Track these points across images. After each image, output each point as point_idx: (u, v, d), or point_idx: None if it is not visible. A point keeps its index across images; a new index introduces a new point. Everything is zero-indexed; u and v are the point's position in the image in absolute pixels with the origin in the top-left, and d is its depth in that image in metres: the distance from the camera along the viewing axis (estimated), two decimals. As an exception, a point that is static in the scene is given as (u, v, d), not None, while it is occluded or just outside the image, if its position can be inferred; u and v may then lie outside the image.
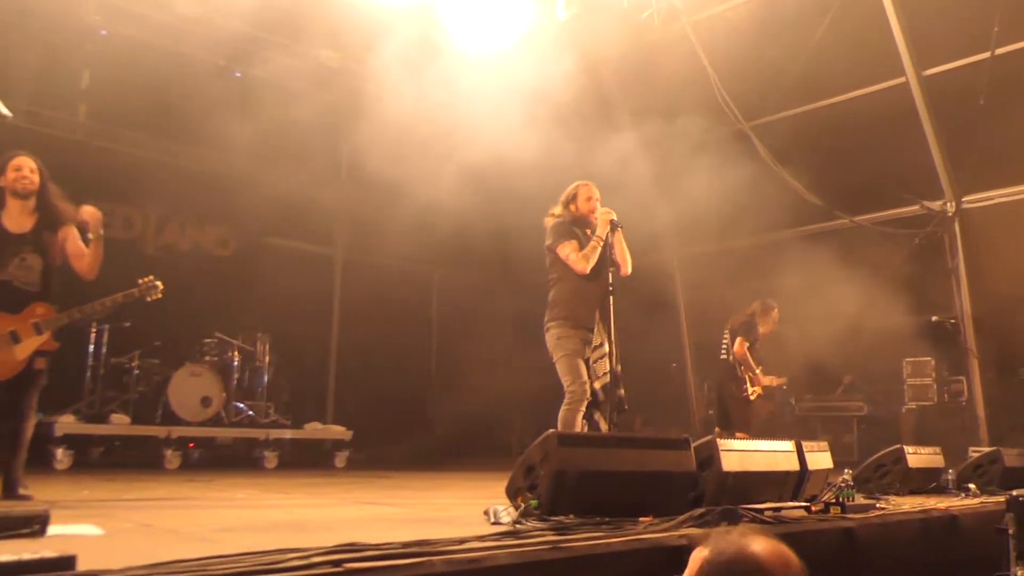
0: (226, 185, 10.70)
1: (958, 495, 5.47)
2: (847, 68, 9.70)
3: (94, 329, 8.64)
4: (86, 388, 8.56)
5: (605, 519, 3.39)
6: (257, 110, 8.87)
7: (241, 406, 9.31)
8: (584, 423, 4.94)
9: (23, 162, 4.41)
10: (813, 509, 4.09)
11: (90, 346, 8.65)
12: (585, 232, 5.32)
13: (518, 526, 3.30)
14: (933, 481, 5.84)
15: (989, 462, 6.12)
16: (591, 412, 5.01)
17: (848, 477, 4.32)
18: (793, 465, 4.50)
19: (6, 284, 4.29)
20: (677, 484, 3.91)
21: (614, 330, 5.06)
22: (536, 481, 3.64)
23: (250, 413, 9.33)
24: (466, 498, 5.46)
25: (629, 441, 4.03)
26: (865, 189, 10.03)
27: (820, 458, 4.80)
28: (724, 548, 1.82)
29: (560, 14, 9.48)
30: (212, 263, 10.94)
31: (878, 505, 4.45)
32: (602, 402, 5.00)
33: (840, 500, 4.10)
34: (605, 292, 5.11)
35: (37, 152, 4.62)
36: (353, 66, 9.61)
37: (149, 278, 4.67)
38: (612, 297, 5.09)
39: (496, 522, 3.54)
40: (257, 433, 9.07)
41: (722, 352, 7.81)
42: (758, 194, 9.32)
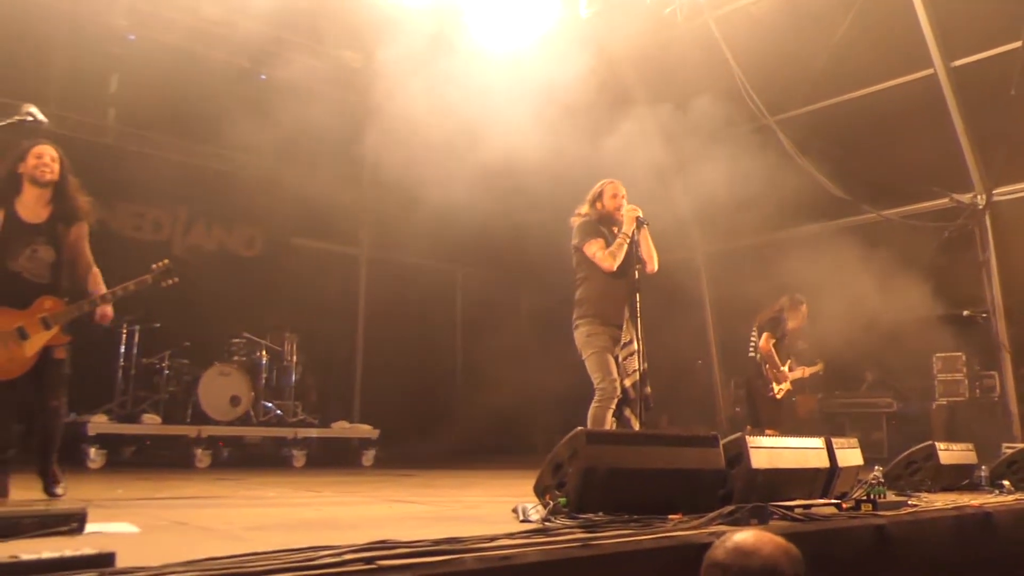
0: (251, 186, 10.81)
1: (992, 492, 5.39)
2: (873, 60, 9.58)
3: (125, 330, 8.76)
4: (117, 388, 8.68)
5: (634, 517, 3.38)
6: (281, 111, 8.94)
7: (269, 405, 9.41)
8: (614, 420, 4.93)
9: (44, 150, 4.30)
10: (844, 506, 4.06)
11: (121, 347, 8.77)
12: (611, 230, 5.32)
13: (547, 524, 3.30)
14: (966, 478, 5.77)
15: (1024, 458, 6.03)
16: (621, 409, 5.00)
17: (879, 474, 4.29)
18: (823, 462, 4.46)
19: (16, 277, 4.17)
20: (706, 481, 3.89)
21: (641, 327, 5.05)
22: (564, 479, 3.64)
23: (278, 412, 9.42)
24: (494, 496, 5.47)
25: (658, 438, 4.01)
26: (893, 183, 9.91)
27: (850, 455, 4.76)
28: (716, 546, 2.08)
29: (582, 11, 9.47)
30: (239, 264, 11.05)
31: (910, 502, 4.41)
32: (633, 399, 4.99)
33: (871, 497, 4.06)
34: (632, 289, 5.11)
35: (67, 156, 4.54)
36: (375, 66, 9.65)
37: (164, 262, 4.57)
38: (639, 294, 5.08)
39: (525, 520, 3.55)
40: (285, 432, 9.15)
41: (750, 350, 7.75)
42: (784, 189, 9.23)
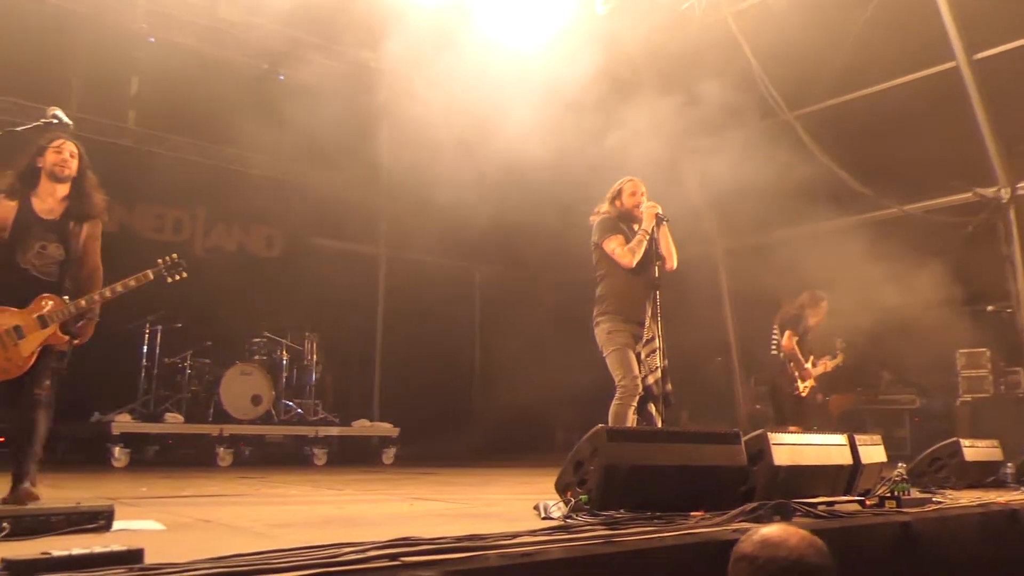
0: (271, 187, 10.88)
1: (1018, 489, 5.34)
2: (894, 54, 9.48)
3: (147, 330, 8.86)
4: (141, 388, 8.78)
5: (656, 514, 3.38)
6: (299, 112, 8.99)
7: (290, 404, 9.47)
8: (635, 417, 4.92)
9: (64, 145, 4.19)
10: (867, 503, 4.03)
11: (144, 347, 8.87)
12: (631, 227, 5.31)
13: (569, 521, 3.30)
14: (991, 475, 5.72)
15: (1049, 455, 5.97)
16: (644, 406, 4.99)
17: (902, 471, 4.25)
18: (846, 459, 4.43)
19: (23, 273, 4.05)
20: (728, 478, 3.88)
21: (661, 324, 5.04)
22: (586, 476, 3.64)
23: (299, 411, 9.49)
24: (515, 493, 5.48)
25: (679, 435, 4.00)
26: (914, 177, 9.81)
27: (873, 452, 4.72)
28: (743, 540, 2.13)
29: (599, 8, 9.44)
30: (259, 264, 11.14)
31: (934, 499, 4.37)
32: (655, 396, 4.98)
33: (895, 494, 4.03)
34: (652, 286, 5.10)
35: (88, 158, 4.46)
36: (392, 66, 9.69)
37: (171, 257, 4.38)
38: (659, 291, 5.07)
39: (547, 517, 3.56)
40: (306, 431, 9.21)
41: (772, 348, 7.71)
42: (804, 184, 9.17)
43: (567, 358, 9.74)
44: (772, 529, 2.12)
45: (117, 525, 3.04)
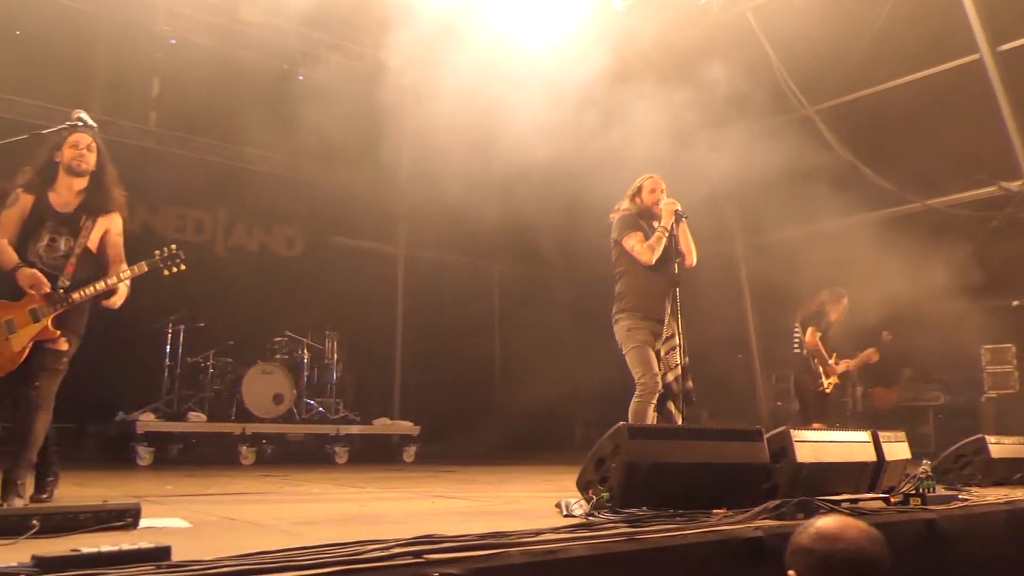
0: (291, 186, 10.96)
1: (1045, 486, 5.28)
2: (916, 47, 9.38)
3: (170, 330, 8.95)
4: (164, 387, 8.87)
5: (678, 511, 3.37)
6: (319, 112, 9.03)
7: (311, 403, 9.53)
8: (655, 415, 4.91)
9: (80, 139, 4.14)
10: (892, 500, 3.99)
11: (167, 346, 8.96)
12: (651, 224, 5.30)
13: (591, 518, 3.30)
14: (1018, 472, 5.64)
15: (1077, 452, 5.88)
16: (664, 404, 4.98)
17: (927, 468, 4.21)
18: (869, 456, 4.39)
19: (29, 267, 3.97)
20: (750, 476, 3.86)
21: (681, 321, 5.02)
22: (607, 474, 3.63)
23: (320, 410, 9.54)
24: (536, 491, 5.49)
25: (701, 433, 3.99)
26: (938, 171, 9.70)
27: (897, 448, 4.67)
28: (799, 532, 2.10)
29: (617, 5, 9.41)
30: (280, 263, 11.21)
31: (960, 497, 4.32)
32: (675, 394, 4.96)
33: (920, 491, 3.99)
34: (672, 283, 5.08)
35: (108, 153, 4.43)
36: (410, 64, 9.70)
37: (170, 248, 4.25)
38: (679, 288, 5.05)
39: (569, 514, 3.56)
40: (328, 429, 9.26)
41: (794, 346, 7.68)
42: (824, 180, 9.10)
43: (587, 355, 9.74)
44: (828, 521, 2.10)
45: (144, 523, 3.07)
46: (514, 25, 8.76)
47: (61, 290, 3.98)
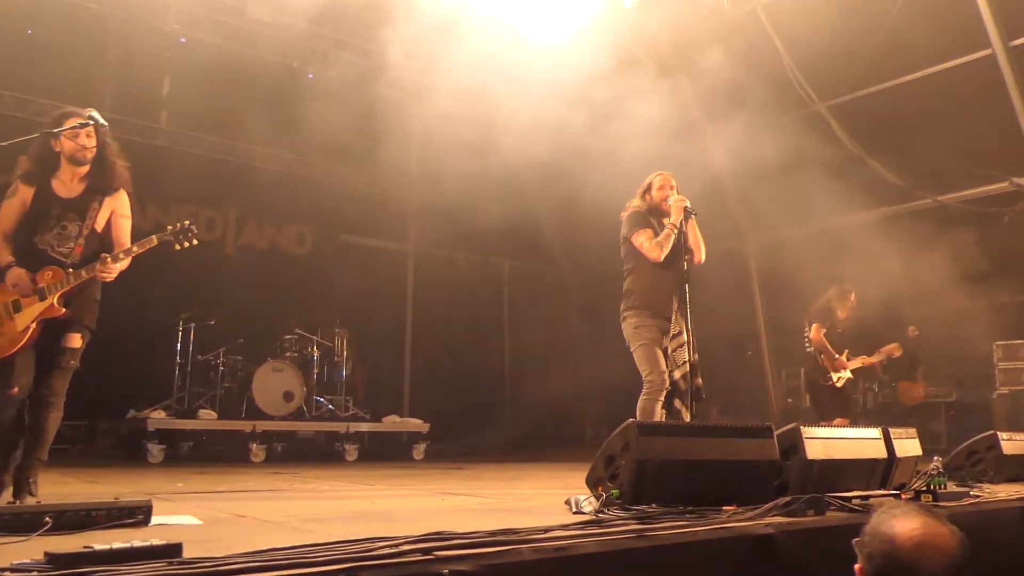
0: (300, 184, 10.99)
1: (1058, 483, 5.23)
2: (928, 42, 9.32)
3: (181, 328, 8.99)
4: (175, 385, 8.91)
5: (688, 508, 3.36)
6: (329, 110, 9.05)
7: (321, 400, 9.56)
8: (663, 412, 4.90)
9: (78, 131, 4.08)
10: (903, 497, 3.98)
11: (178, 344, 9.01)
12: (660, 221, 5.28)
13: (601, 515, 3.30)
14: (1031, 469, 5.60)
15: (1091, 449, 5.83)
16: (671, 401, 4.97)
17: (939, 464, 4.19)
18: (880, 452, 4.37)
19: (41, 253, 3.98)
20: (761, 473, 3.85)
21: (690, 318, 5.01)
22: (617, 471, 3.63)
23: (330, 407, 9.56)
24: (546, 488, 5.49)
25: (711, 430, 3.97)
26: (950, 167, 9.65)
27: (908, 445, 4.65)
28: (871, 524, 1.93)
29: (626, 2, 9.38)
30: (290, 261, 11.25)
31: (972, 493, 4.30)
32: (683, 391, 4.95)
33: (931, 488, 3.97)
34: (681, 280, 5.06)
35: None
36: (420, 62, 9.71)
37: (185, 222, 4.25)
38: (687, 285, 5.04)
39: (578, 512, 3.55)
40: (338, 426, 9.28)
41: (806, 344, 7.69)
42: (835, 176, 9.06)
43: (597, 352, 9.73)
44: (911, 524, 1.85)
45: (155, 520, 3.08)
46: (525, 22, 8.74)
47: (70, 269, 3.96)
